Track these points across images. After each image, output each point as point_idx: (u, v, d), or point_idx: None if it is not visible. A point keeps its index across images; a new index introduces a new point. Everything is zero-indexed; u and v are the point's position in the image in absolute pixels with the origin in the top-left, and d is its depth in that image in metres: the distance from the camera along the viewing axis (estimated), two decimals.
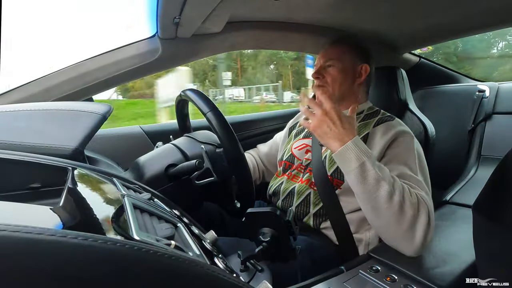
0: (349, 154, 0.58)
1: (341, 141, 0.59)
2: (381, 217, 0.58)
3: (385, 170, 0.59)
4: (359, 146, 0.59)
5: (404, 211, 0.56)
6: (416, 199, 0.58)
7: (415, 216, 0.56)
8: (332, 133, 0.60)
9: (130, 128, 1.04)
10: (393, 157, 0.67)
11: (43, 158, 0.43)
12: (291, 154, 0.86)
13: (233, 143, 0.60)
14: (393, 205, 0.56)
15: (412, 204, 0.56)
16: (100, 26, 18.51)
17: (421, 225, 0.56)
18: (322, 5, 0.86)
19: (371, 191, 0.57)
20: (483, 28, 1.08)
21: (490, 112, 1.16)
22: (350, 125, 0.61)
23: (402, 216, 0.56)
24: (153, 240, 0.27)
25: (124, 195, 0.36)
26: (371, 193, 0.57)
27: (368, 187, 0.57)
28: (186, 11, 0.70)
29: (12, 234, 0.18)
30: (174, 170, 0.65)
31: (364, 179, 0.57)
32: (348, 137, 0.59)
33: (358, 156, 0.58)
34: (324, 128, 0.60)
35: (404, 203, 0.56)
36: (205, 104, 0.63)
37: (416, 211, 0.56)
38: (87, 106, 0.65)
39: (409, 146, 0.68)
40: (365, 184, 0.57)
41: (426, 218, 0.56)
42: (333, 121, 0.60)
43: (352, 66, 0.80)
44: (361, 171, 0.57)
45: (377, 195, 0.56)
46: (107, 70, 0.86)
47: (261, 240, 0.46)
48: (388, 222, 0.57)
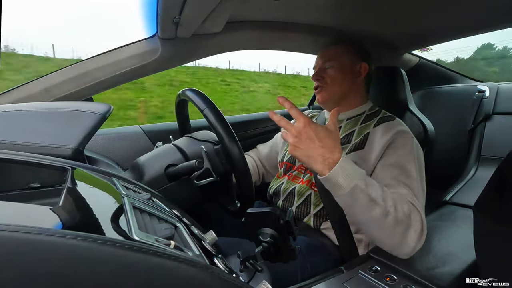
0: (338, 180, 0.52)
1: (324, 163, 0.52)
2: (374, 232, 0.58)
3: (376, 188, 0.55)
4: (347, 168, 0.53)
5: (397, 226, 0.55)
6: (409, 210, 0.57)
7: (408, 226, 0.56)
8: (312, 155, 0.52)
9: (130, 128, 1.04)
10: (392, 157, 0.67)
11: (43, 158, 0.43)
12: (292, 155, 0.86)
13: (230, 139, 0.60)
14: (387, 223, 0.54)
15: (406, 217, 0.56)
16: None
17: (414, 233, 0.56)
18: (322, 5, 0.86)
19: (363, 212, 0.55)
20: (483, 28, 1.08)
21: (490, 112, 1.16)
22: (331, 140, 0.53)
23: (395, 230, 0.55)
24: (153, 240, 0.27)
25: (123, 195, 0.36)
26: (364, 215, 0.55)
27: (360, 209, 0.55)
28: (186, 11, 0.70)
29: (11, 234, 0.18)
30: (173, 170, 0.65)
31: (356, 201, 0.54)
32: (332, 155, 0.52)
33: (347, 181, 0.52)
34: (302, 151, 0.53)
35: (398, 219, 0.55)
36: (202, 101, 0.63)
37: (409, 221, 0.56)
38: (87, 106, 0.64)
39: (408, 147, 0.68)
40: (356, 208, 0.55)
41: (419, 226, 0.57)
42: (310, 140, 0.52)
43: (351, 65, 0.80)
44: (352, 195, 0.53)
45: (370, 216, 0.54)
46: (107, 70, 0.86)
47: (261, 240, 0.46)
48: (381, 236, 0.57)
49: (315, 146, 0.52)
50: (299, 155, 0.54)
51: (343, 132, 0.79)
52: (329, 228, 0.72)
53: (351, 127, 0.79)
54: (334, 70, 0.80)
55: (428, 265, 0.56)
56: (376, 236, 0.58)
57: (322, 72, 0.81)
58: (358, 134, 0.75)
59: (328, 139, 0.53)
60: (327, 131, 0.54)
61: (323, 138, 0.52)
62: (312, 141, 0.52)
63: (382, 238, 0.57)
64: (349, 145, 0.75)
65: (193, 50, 0.92)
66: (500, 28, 1.05)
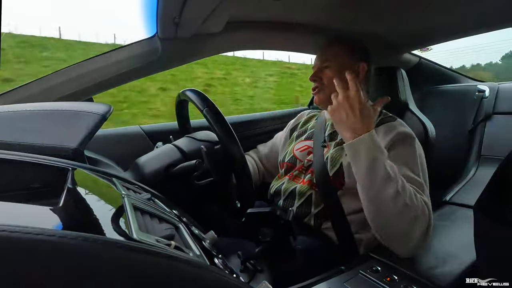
0: (361, 147, 0.57)
1: (354, 132, 0.57)
2: (382, 214, 0.58)
3: (394, 168, 0.58)
4: (373, 141, 0.57)
5: (406, 212, 0.55)
6: (420, 204, 0.57)
7: (416, 218, 0.56)
8: (348, 121, 0.58)
9: (130, 128, 1.04)
10: (396, 158, 0.67)
11: (43, 158, 0.43)
12: (292, 156, 0.86)
13: (230, 139, 0.60)
14: (398, 205, 0.55)
15: (416, 206, 0.56)
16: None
17: (420, 227, 0.56)
18: (322, 5, 0.86)
19: (378, 187, 0.56)
20: (483, 28, 1.08)
21: (490, 112, 1.16)
22: (369, 118, 0.58)
23: (403, 216, 0.56)
24: (153, 241, 0.27)
25: (124, 196, 0.35)
26: (378, 190, 0.56)
27: (376, 183, 0.56)
28: (186, 11, 0.70)
29: (11, 235, 0.18)
30: (174, 170, 0.65)
31: (373, 173, 0.56)
32: (362, 129, 0.57)
33: (370, 151, 0.56)
34: (341, 114, 0.59)
35: (409, 204, 0.56)
36: (202, 101, 0.63)
37: (418, 214, 0.56)
38: (87, 106, 0.64)
39: (411, 148, 0.68)
40: (372, 181, 0.57)
41: (426, 223, 0.57)
42: (352, 108, 0.58)
43: (349, 65, 0.80)
44: (372, 166, 0.56)
45: (384, 193, 0.56)
46: (107, 70, 0.86)
47: (261, 241, 0.46)
48: (388, 221, 0.57)
49: (355, 115, 0.58)
50: (336, 118, 0.60)
51: None
52: (329, 228, 0.72)
53: None
54: (332, 70, 0.79)
55: (428, 265, 0.56)
56: (383, 222, 0.58)
57: (319, 72, 0.81)
58: None
59: (367, 116, 0.58)
60: (369, 110, 0.60)
61: (364, 112, 0.58)
62: (354, 111, 0.58)
63: (388, 224, 0.57)
64: None
65: (193, 50, 0.92)
66: (500, 28, 1.06)
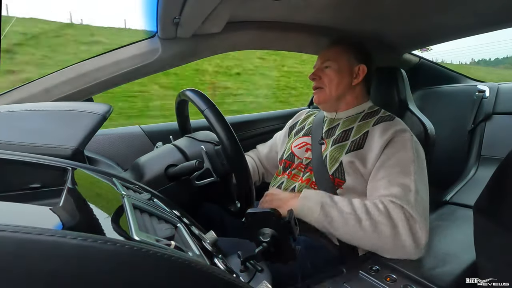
0: (305, 204, 0.65)
1: (290, 202, 0.68)
2: (363, 242, 0.61)
3: (342, 201, 0.64)
4: (309, 193, 0.67)
5: (379, 229, 0.58)
6: (386, 210, 0.59)
7: (394, 226, 0.58)
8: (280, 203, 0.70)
9: (130, 128, 1.04)
10: (390, 157, 0.67)
11: (43, 158, 0.43)
12: (291, 153, 0.86)
13: (231, 139, 0.60)
14: (365, 229, 0.59)
15: (385, 217, 0.59)
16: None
17: (404, 230, 0.57)
18: (322, 5, 0.86)
19: (341, 227, 0.61)
20: (483, 29, 1.08)
21: (490, 112, 1.16)
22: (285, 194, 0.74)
23: (381, 234, 0.58)
24: (153, 241, 0.27)
25: (123, 196, 0.35)
26: (343, 229, 0.61)
27: (337, 225, 0.61)
28: (186, 11, 0.70)
29: (12, 235, 0.18)
30: (174, 170, 0.65)
31: (329, 217, 0.62)
32: (291, 197, 0.69)
33: (314, 202, 0.64)
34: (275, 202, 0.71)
35: (375, 221, 0.59)
36: (202, 102, 0.63)
37: (391, 221, 0.58)
38: (87, 106, 0.65)
39: (406, 146, 0.68)
40: (333, 224, 0.61)
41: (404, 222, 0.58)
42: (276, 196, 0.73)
43: (349, 66, 0.80)
44: (324, 213, 0.62)
45: (348, 229, 0.60)
46: (107, 70, 0.86)
47: (261, 241, 0.46)
48: (373, 244, 0.60)
49: (280, 197, 0.72)
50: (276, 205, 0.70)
51: (341, 129, 0.79)
52: None
53: (349, 124, 0.79)
54: (332, 71, 0.80)
55: (428, 265, 0.56)
56: (370, 246, 0.61)
57: (319, 72, 0.82)
58: (356, 132, 0.75)
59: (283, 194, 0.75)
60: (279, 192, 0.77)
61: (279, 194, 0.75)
62: (277, 196, 0.73)
63: (375, 245, 0.60)
64: (348, 142, 0.74)
65: (193, 50, 0.92)
66: (500, 28, 1.05)
